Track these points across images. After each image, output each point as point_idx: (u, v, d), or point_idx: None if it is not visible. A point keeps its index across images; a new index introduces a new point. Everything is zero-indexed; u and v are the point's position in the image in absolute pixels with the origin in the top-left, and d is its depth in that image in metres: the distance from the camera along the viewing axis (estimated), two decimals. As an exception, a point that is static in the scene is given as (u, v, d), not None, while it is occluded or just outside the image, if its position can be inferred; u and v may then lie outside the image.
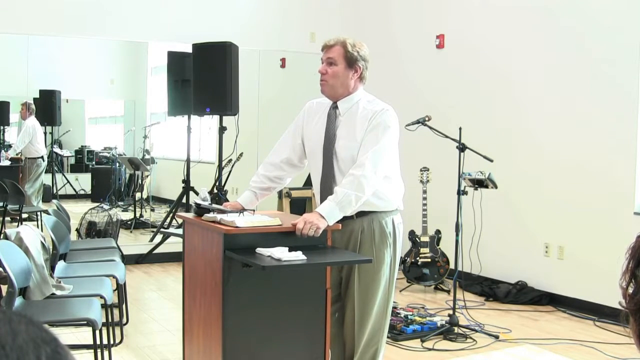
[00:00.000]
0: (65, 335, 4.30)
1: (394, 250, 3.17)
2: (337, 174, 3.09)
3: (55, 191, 7.95)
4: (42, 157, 7.56)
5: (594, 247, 5.28)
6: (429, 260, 5.96)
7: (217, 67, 5.83)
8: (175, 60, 6.87)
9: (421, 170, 5.93)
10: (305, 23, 7.42)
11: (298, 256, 2.73)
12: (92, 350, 3.39)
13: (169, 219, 7.20)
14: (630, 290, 0.93)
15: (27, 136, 7.44)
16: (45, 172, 7.66)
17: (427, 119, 4.74)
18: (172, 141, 8.21)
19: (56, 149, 8.20)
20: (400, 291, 5.82)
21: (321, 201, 3.07)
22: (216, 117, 6.10)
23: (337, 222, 2.97)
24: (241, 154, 6.67)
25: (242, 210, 3.05)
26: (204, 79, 5.87)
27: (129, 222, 7.73)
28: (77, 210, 6.98)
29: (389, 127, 3.04)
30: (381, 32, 7.23)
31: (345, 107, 3.11)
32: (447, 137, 4.76)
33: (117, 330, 4.33)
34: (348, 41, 3.08)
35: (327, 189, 3.08)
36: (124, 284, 4.47)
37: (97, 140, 8.80)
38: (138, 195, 8.18)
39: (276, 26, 7.37)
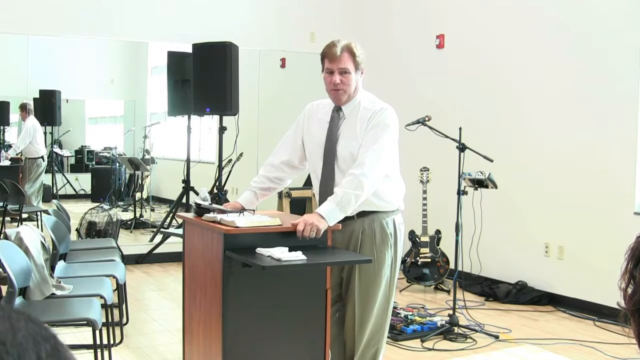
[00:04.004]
0: (65, 335, 4.30)
1: (395, 250, 3.17)
2: (337, 175, 3.09)
3: (55, 191, 7.95)
4: (42, 157, 7.56)
5: (594, 247, 5.28)
6: (429, 260, 5.96)
7: (217, 67, 5.83)
8: (175, 60, 6.87)
9: (421, 170, 5.93)
10: (305, 23, 7.42)
11: (298, 256, 2.73)
12: (92, 350, 3.39)
13: (169, 219, 7.20)
14: (629, 290, 0.93)
15: (27, 136, 7.44)
16: (45, 172, 7.66)
17: (427, 119, 4.74)
18: (172, 141, 8.21)
19: (56, 149, 8.20)
20: (400, 291, 5.82)
21: (320, 202, 3.07)
22: (216, 117, 6.10)
23: (338, 222, 2.97)
24: (241, 154, 6.67)
25: (242, 210, 3.05)
26: (204, 79, 5.87)
27: (129, 222, 7.73)
28: (77, 210, 6.98)
29: (389, 126, 3.05)
30: (381, 32, 7.23)
31: (348, 109, 3.12)
32: (447, 137, 4.76)
33: (117, 330, 4.33)
34: (352, 45, 3.07)
35: (326, 191, 3.08)
36: (124, 284, 4.47)
37: (97, 140, 8.80)
38: (138, 195, 8.18)
39: (276, 26, 7.37)
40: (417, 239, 5.99)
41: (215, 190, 6.28)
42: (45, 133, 7.71)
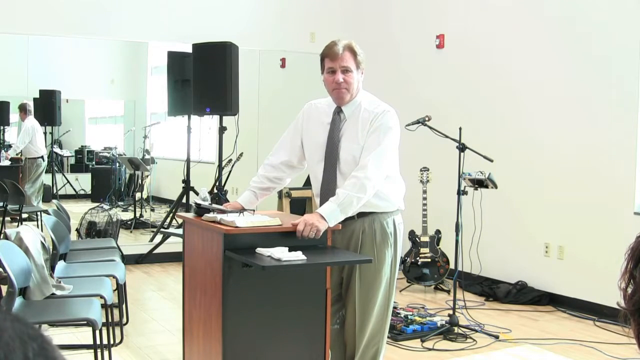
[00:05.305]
0: (65, 335, 4.31)
1: (395, 250, 3.17)
2: (338, 178, 3.09)
3: (55, 191, 7.95)
4: (42, 157, 7.56)
5: (594, 247, 5.28)
6: (429, 260, 5.96)
7: (217, 67, 5.82)
8: (175, 60, 6.87)
9: (421, 170, 5.92)
10: (305, 23, 7.42)
11: (298, 256, 2.73)
12: (92, 350, 3.39)
13: (169, 219, 7.20)
14: (629, 290, 0.93)
15: (27, 136, 7.44)
16: (45, 172, 7.66)
17: (427, 119, 4.74)
18: (172, 141, 8.21)
19: (56, 149, 8.20)
20: (400, 291, 5.82)
21: (321, 204, 3.07)
22: (216, 117, 6.10)
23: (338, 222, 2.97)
24: (241, 154, 6.67)
25: (242, 210, 3.05)
26: (204, 79, 5.87)
27: (129, 222, 7.72)
28: (77, 210, 6.98)
29: (391, 129, 3.05)
30: (381, 32, 7.23)
31: (349, 111, 3.12)
32: (447, 137, 4.76)
33: (117, 330, 4.33)
34: (352, 45, 3.08)
35: (328, 193, 3.07)
36: (124, 284, 4.47)
37: (97, 140, 8.80)
38: (138, 195, 8.18)
39: (276, 26, 7.37)
40: (417, 239, 5.99)
41: (215, 190, 6.27)
42: (45, 133, 7.71)
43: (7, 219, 6.59)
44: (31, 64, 7.40)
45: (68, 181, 8.24)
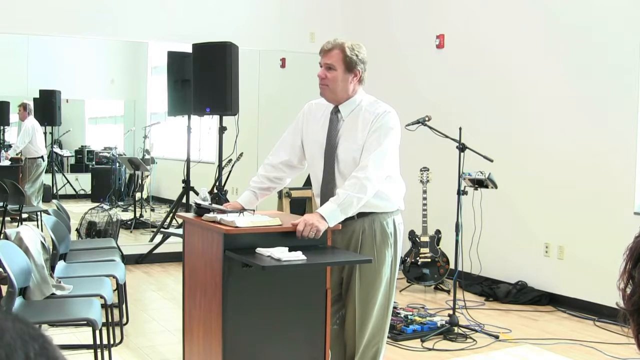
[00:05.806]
0: (65, 335, 4.31)
1: (395, 250, 3.17)
2: (337, 178, 3.08)
3: (55, 191, 7.95)
4: (42, 157, 7.56)
5: (594, 247, 5.28)
6: (429, 260, 5.96)
7: (217, 67, 5.83)
8: (175, 60, 6.87)
9: (421, 170, 5.93)
10: (305, 23, 7.42)
11: (298, 256, 2.73)
12: (92, 350, 3.39)
13: (169, 219, 7.20)
14: (628, 290, 0.93)
15: (26, 136, 7.44)
16: (45, 172, 7.66)
17: (427, 119, 4.74)
18: (172, 141, 8.21)
19: (56, 149, 8.20)
20: (400, 291, 5.82)
21: (321, 204, 3.07)
22: (216, 117, 6.10)
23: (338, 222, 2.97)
24: (241, 154, 6.67)
25: (242, 210, 3.05)
26: (204, 79, 5.87)
27: (129, 222, 7.73)
28: (77, 210, 6.98)
29: (392, 129, 3.04)
30: (381, 32, 7.23)
31: (347, 111, 3.11)
32: (447, 137, 4.76)
33: (117, 330, 4.33)
34: (346, 45, 3.04)
35: (327, 193, 3.07)
36: (124, 284, 4.47)
37: (97, 140, 8.80)
38: (138, 195, 8.18)
39: (276, 26, 7.37)
40: (417, 239, 5.99)
41: (215, 190, 6.27)
42: (45, 133, 7.71)
43: (7, 219, 6.60)
44: (31, 64, 7.40)
45: (68, 181, 8.24)
